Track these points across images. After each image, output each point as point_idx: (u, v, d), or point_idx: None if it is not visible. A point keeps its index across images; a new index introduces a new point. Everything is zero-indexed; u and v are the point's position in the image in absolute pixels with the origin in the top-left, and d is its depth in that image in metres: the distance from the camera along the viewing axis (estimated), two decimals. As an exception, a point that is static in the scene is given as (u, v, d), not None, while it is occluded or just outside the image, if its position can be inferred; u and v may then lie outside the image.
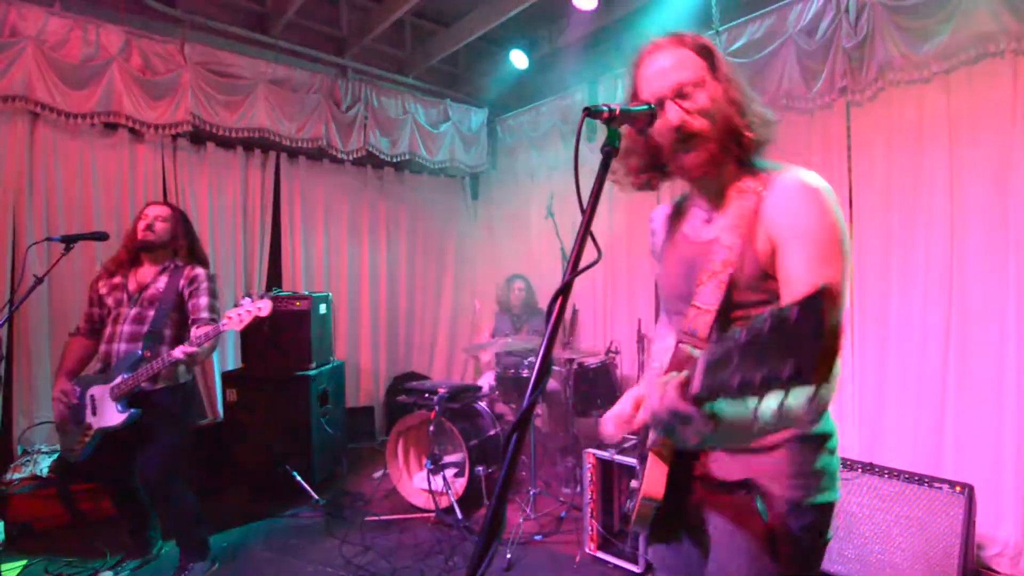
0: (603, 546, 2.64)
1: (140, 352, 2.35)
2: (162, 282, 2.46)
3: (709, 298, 1.01)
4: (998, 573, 2.48)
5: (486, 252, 5.42)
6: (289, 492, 3.33)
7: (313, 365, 3.52)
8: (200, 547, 2.52)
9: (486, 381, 3.93)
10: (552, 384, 3.81)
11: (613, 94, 4.07)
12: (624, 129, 0.98)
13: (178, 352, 2.27)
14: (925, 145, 2.70)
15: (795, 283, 0.94)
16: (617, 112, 0.91)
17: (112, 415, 2.30)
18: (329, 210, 4.58)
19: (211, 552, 2.57)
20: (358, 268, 4.77)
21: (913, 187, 2.74)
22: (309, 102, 4.08)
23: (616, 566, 2.56)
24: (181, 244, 2.54)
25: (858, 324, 2.93)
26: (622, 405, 1.04)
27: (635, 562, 2.50)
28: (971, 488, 2.14)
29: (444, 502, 3.06)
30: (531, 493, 3.11)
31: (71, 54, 3.21)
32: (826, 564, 2.21)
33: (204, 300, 2.46)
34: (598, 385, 3.50)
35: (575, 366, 3.47)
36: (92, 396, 2.34)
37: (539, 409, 3.65)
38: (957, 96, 2.60)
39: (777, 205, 0.98)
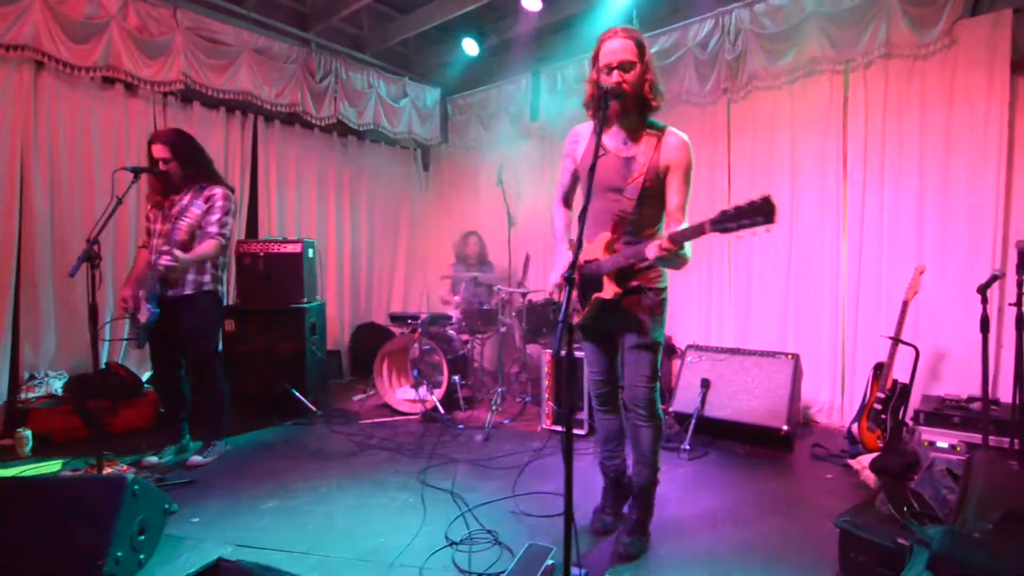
0: (557, 421, 3.53)
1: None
2: (186, 199, 2.88)
3: (633, 191, 1.91)
4: (819, 423, 3.69)
5: (435, 217, 6.11)
6: (288, 410, 3.87)
7: (305, 299, 4.05)
8: (221, 429, 3.14)
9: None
10: (509, 320, 4.63)
11: (554, 82, 4.92)
12: (588, 87, 1.92)
13: (162, 262, 2.64)
14: (777, 133, 3.85)
15: (672, 193, 1.91)
16: (607, 89, 1.81)
17: (144, 313, 2.76)
18: (300, 170, 5.04)
19: (225, 436, 3.20)
20: (325, 225, 5.26)
21: (769, 161, 3.88)
22: (287, 71, 4.54)
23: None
24: (193, 168, 2.91)
25: (733, 256, 4.07)
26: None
27: (581, 427, 3.41)
28: (797, 356, 3.28)
29: (428, 406, 3.78)
30: (499, 391, 3.93)
31: (75, 11, 3.48)
32: (709, 411, 3.26)
33: (215, 216, 2.86)
34: (545, 317, 4.37)
35: (527, 301, 4.32)
36: (141, 296, 2.80)
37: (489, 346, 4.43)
38: (797, 100, 3.76)
39: (669, 148, 1.90)
